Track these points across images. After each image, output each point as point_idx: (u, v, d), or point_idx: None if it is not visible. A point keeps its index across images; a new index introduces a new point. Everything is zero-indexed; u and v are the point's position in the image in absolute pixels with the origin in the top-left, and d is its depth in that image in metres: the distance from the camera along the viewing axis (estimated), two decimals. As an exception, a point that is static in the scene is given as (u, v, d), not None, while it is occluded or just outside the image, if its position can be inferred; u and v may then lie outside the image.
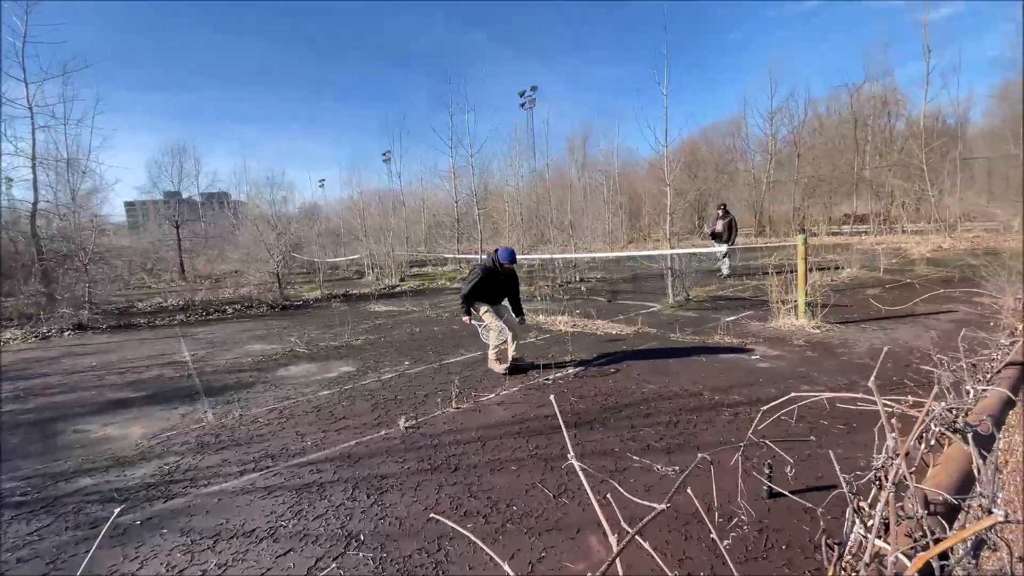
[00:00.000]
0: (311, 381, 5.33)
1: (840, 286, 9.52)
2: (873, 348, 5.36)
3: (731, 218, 12.20)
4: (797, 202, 26.73)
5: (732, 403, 4.00)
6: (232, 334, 8.50)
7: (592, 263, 15.78)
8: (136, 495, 3.06)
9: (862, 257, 12.67)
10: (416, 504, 2.74)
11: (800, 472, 2.88)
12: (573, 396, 4.37)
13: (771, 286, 7.10)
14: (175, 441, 3.89)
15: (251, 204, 25.68)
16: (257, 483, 3.11)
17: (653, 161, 21.38)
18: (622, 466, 3.06)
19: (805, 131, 29.84)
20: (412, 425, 3.88)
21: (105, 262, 12.48)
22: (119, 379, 5.86)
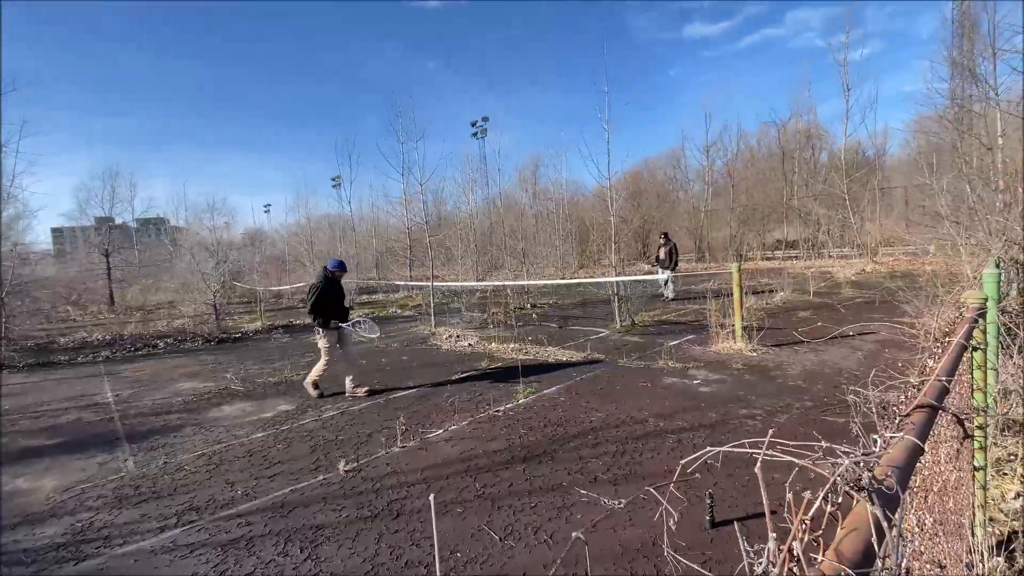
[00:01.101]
0: (245, 422, 5.01)
1: (774, 309, 10.04)
2: (805, 370, 5.65)
3: (672, 244, 12.76)
4: (733, 229, 28.24)
5: (676, 429, 4.08)
6: (162, 371, 7.93)
7: (544, 289, 15.96)
8: (44, 556, 2.77)
9: (793, 281, 13.47)
10: (354, 556, 2.59)
11: (740, 499, 2.94)
12: (523, 428, 4.33)
13: (711, 311, 7.40)
14: (90, 494, 3.55)
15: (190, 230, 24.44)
16: (179, 540, 2.86)
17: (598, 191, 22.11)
18: (569, 501, 3.03)
19: (739, 162, 31.84)
20: (353, 468, 3.70)
21: (26, 294, 11.47)
22: (32, 424, 5.33)
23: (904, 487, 0.92)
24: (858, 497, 0.81)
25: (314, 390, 5.83)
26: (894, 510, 0.81)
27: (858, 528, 0.75)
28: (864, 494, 0.81)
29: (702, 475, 3.16)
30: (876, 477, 0.85)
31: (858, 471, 0.87)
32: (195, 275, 12.87)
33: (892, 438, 1.10)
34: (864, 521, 0.75)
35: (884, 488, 0.83)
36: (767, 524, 0.62)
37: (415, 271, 20.47)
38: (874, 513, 0.77)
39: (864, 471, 0.87)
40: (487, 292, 15.43)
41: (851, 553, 0.69)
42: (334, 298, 5.91)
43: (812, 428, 3.89)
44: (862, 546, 0.71)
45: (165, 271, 21.49)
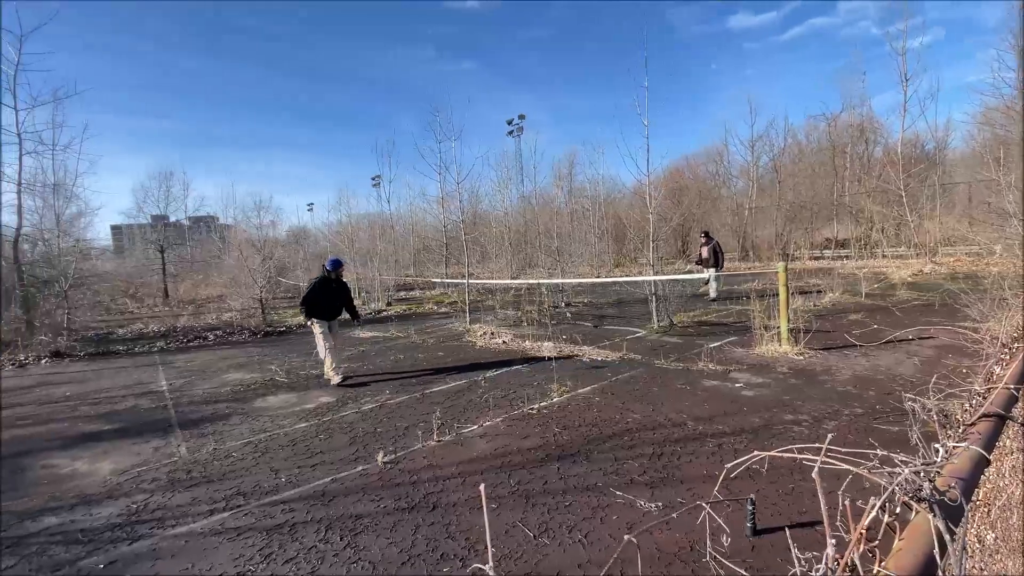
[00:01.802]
0: (289, 412, 5.20)
1: (822, 311, 9.62)
2: (856, 375, 5.39)
3: (715, 242, 12.40)
4: (779, 227, 27.19)
5: (716, 433, 3.97)
6: (212, 362, 8.32)
7: (579, 288, 15.84)
8: (101, 536, 2.94)
9: (844, 282, 12.86)
10: (391, 547, 2.65)
11: (784, 507, 2.84)
12: (557, 427, 4.31)
13: (754, 312, 7.15)
14: (145, 477, 3.76)
15: (238, 228, 25.51)
16: (227, 523, 2.99)
17: (636, 188, 21.75)
18: (604, 502, 3.00)
19: (786, 158, 30.61)
20: (391, 460, 3.78)
21: (87, 287, 12.24)
22: (92, 410, 5.68)
23: (968, 499, 0.86)
24: (918, 508, 0.77)
25: (337, 377, 6.25)
26: (957, 522, 0.76)
27: (918, 540, 0.71)
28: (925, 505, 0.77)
29: (743, 481, 3.07)
30: (938, 488, 0.80)
31: (918, 481, 0.82)
32: (243, 271, 13.43)
33: (955, 448, 1.03)
34: (925, 533, 0.71)
35: (947, 500, 0.78)
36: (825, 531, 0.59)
37: (450, 269, 20.71)
38: (936, 525, 0.72)
39: (925, 481, 0.82)
40: (521, 290, 15.44)
41: (911, 566, 0.65)
42: (329, 294, 6.44)
43: (863, 436, 3.70)
44: (923, 559, 0.67)
45: (215, 267, 22.48)
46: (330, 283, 6.49)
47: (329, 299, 6.45)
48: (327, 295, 6.44)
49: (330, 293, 6.47)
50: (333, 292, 6.50)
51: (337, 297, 6.55)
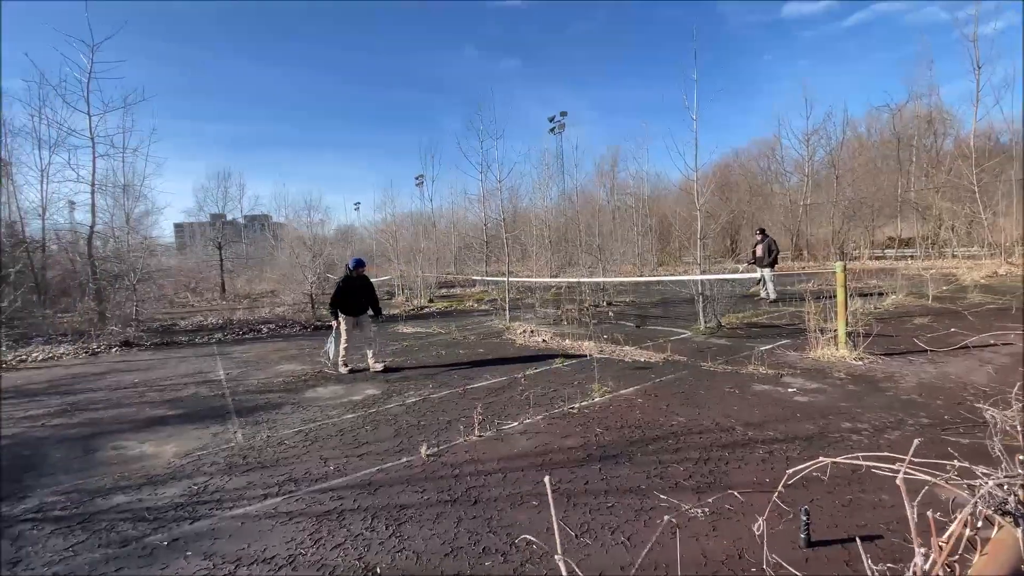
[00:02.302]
0: (337, 403, 5.38)
1: (884, 314, 9.08)
2: (922, 383, 5.06)
3: (770, 240, 11.88)
4: (837, 225, 25.83)
5: (766, 439, 3.82)
6: (265, 353, 8.71)
7: (621, 287, 15.60)
8: (165, 515, 3.12)
9: (908, 283, 12.10)
10: (434, 538, 2.69)
11: (840, 519, 2.70)
12: (599, 427, 4.26)
13: (809, 314, 6.83)
14: (205, 461, 3.97)
15: (290, 226, 26.60)
16: (279, 508, 3.12)
17: (683, 185, 21.15)
18: (648, 505, 2.94)
19: (844, 152, 29.04)
20: (433, 453, 3.85)
21: (153, 282, 13.09)
22: (158, 396, 6.06)
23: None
24: (1002, 522, 0.71)
25: (344, 367, 6.81)
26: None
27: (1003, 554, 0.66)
28: (1010, 519, 0.71)
29: (796, 490, 2.94)
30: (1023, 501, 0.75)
31: (1002, 494, 0.76)
32: (294, 267, 14.00)
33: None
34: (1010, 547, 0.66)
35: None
36: (914, 541, 0.56)
37: (490, 266, 20.84)
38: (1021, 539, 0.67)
39: (1010, 495, 0.76)
40: (561, 288, 15.36)
41: None
42: (354, 292, 6.86)
43: (930, 448, 3.47)
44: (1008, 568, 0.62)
45: (268, 263, 23.55)
46: (354, 281, 6.87)
47: (355, 297, 6.87)
48: (352, 293, 6.85)
49: (355, 291, 6.87)
50: (358, 290, 6.89)
51: (362, 294, 6.94)
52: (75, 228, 13.84)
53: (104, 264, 12.34)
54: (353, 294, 6.87)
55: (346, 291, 6.82)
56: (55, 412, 5.54)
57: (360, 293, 6.93)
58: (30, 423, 5.18)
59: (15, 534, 2.96)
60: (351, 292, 6.86)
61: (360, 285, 6.95)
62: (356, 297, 6.90)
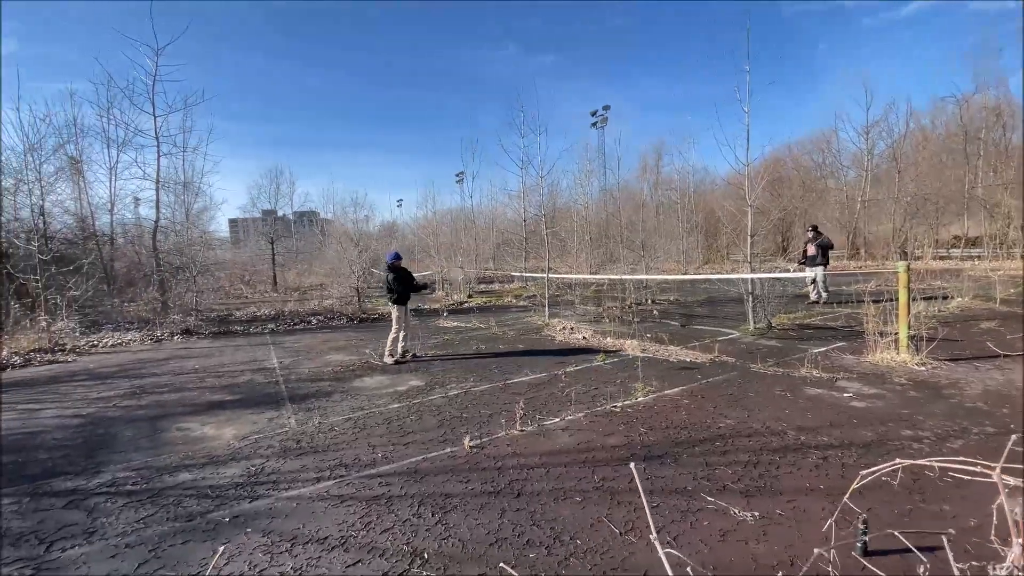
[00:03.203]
0: (383, 393, 5.54)
1: (948, 318, 8.53)
2: (988, 390, 4.73)
3: (823, 238, 11.31)
4: (898, 223, 24.36)
5: (820, 445, 3.68)
6: (315, 344, 9.06)
7: (664, 284, 15.28)
8: (226, 493, 3.31)
9: (975, 285, 11.30)
10: (479, 527, 2.74)
11: (900, 528, 2.57)
12: (642, 426, 4.21)
13: (867, 316, 6.50)
14: (261, 444, 4.17)
15: (337, 222, 27.45)
16: (331, 491, 3.25)
17: (732, 179, 20.45)
18: (695, 507, 2.89)
19: (907, 145, 27.33)
20: (476, 445, 3.91)
21: (211, 274, 13.82)
22: (217, 382, 6.40)
23: None
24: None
25: (390, 358, 7.09)
26: None
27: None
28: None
29: (853, 498, 2.81)
30: None
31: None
32: (341, 262, 14.45)
33: None
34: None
35: None
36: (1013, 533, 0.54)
37: (529, 262, 20.84)
38: None
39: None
40: (602, 286, 15.20)
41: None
42: (400, 282, 7.27)
43: (994, 456, 3.25)
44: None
45: (316, 258, 24.39)
46: (398, 271, 7.34)
47: (405, 287, 7.34)
48: (400, 282, 7.30)
49: (399, 280, 7.30)
50: (402, 278, 7.34)
51: (407, 284, 7.39)
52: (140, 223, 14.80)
53: (167, 257, 13.11)
54: (400, 284, 7.28)
55: (395, 280, 7.25)
56: (125, 394, 5.95)
57: (405, 283, 7.36)
58: (103, 404, 5.58)
59: (91, 506, 3.21)
60: (398, 281, 7.27)
61: (404, 275, 7.41)
62: (405, 287, 7.34)
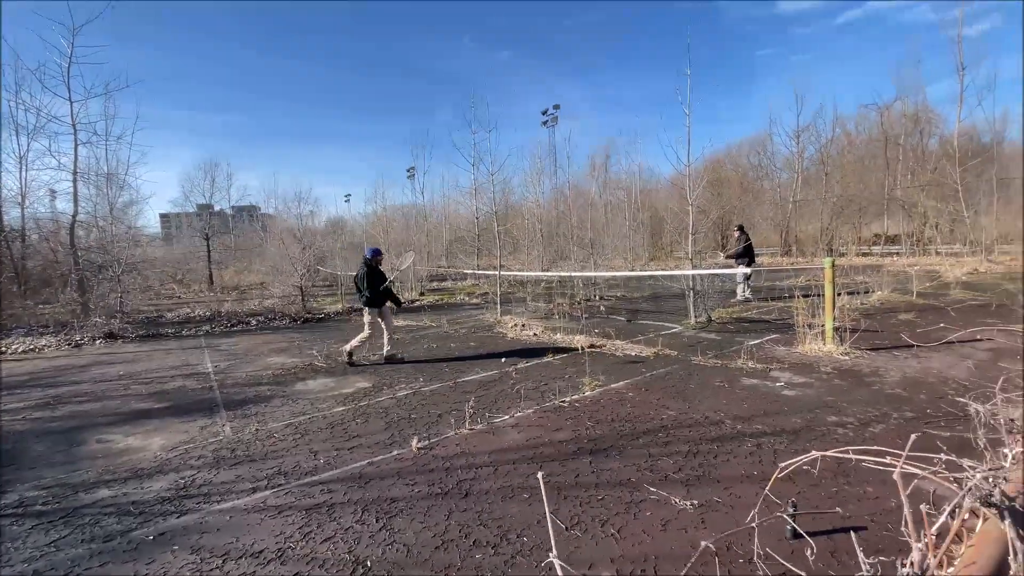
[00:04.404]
0: (327, 396, 5.35)
1: (870, 310, 9.21)
2: (906, 377, 5.14)
3: (744, 237, 11.84)
4: (825, 221, 26.09)
5: (755, 433, 3.87)
6: (254, 346, 8.64)
7: (612, 281, 15.65)
8: (151, 509, 3.08)
9: (893, 280, 12.27)
10: (425, 531, 2.69)
11: (827, 512, 2.73)
12: (589, 420, 4.28)
13: (797, 309, 6.91)
14: (192, 455, 3.93)
15: (279, 218, 26.33)
16: (269, 501, 3.10)
17: (675, 179, 21.23)
18: (638, 498, 2.96)
19: (833, 149, 29.31)
20: (425, 446, 3.84)
21: (138, 272, 12.89)
22: (144, 389, 5.98)
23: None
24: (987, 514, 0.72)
25: (348, 357, 6.74)
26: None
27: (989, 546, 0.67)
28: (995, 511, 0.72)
29: (783, 483, 2.98)
30: (1007, 494, 0.76)
31: (987, 487, 0.77)
32: (284, 259, 13.86)
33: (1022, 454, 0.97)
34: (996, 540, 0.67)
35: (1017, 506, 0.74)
36: (910, 535, 0.56)
37: (482, 260, 20.82)
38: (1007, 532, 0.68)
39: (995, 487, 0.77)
40: (553, 282, 15.38)
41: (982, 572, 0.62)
42: (377, 281, 6.83)
43: (915, 441, 3.53)
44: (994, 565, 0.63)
45: (257, 255, 23.30)
46: (375, 271, 6.92)
47: (378, 285, 6.88)
48: (377, 281, 6.86)
49: (376, 279, 6.88)
50: (379, 278, 6.92)
51: (377, 286, 6.90)
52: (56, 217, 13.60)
53: (87, 254, 12.12)
54: (375, 283, 6.86)
55: (371, 280, 6.80)
56: (37, 405, 5.45)
57: (379, 282, 6.94)
58: (10, 416, 5.08)
59: (-4, 529, 2.91)
60: (374, 281, 6.85)
61: (379, 274, 7.00)
62: (377, 286, 6.90)
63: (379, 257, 7.01)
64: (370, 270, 6.82)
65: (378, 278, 6.89)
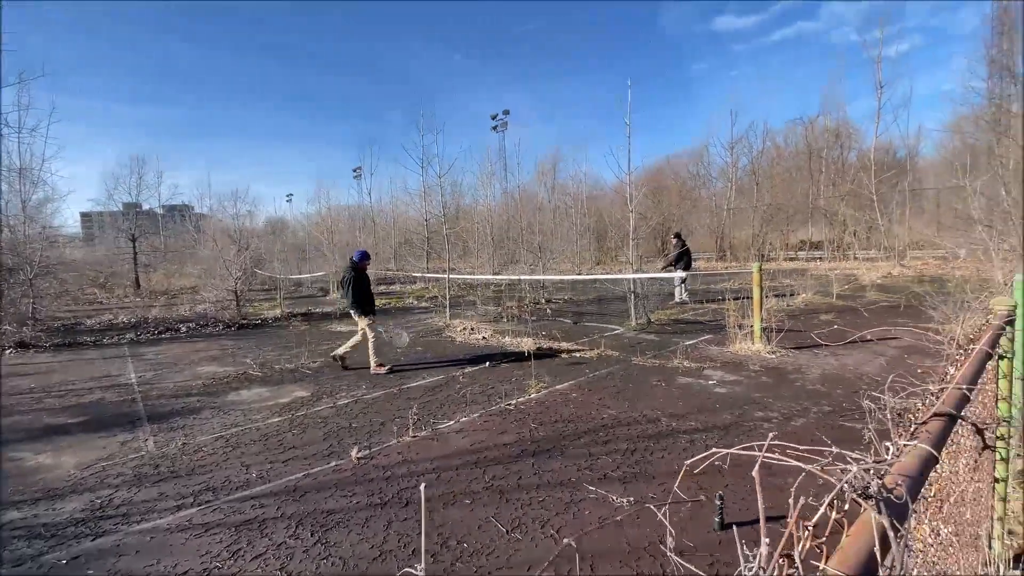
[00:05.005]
0: (262, 407, 5.12)
1: (795, 311, 9.85)
2: (825, 374, 5.54)
3: (679, 243, 12.34)
4: (756, 228, 27.70)
5: (688, 429, 4.04)
6: (183, 354, 8.13)
7: (560, 284, 15.91)
8: (64, 531, 2.87)
9: (816, 283, 13.18)
10: (363, 542, 2.63)
11: (752, 502, 2.90)
12: (534, 422, 4.34)
13: (729, 311, 7.28)
14: (111, 472, 3.67)
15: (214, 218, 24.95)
16: (194, 519, 2.94)
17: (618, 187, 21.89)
18: (577, 497, 3.03)
19: (764, 160, 31.17)
20: (365, 456, 3.76)
21: (53, 276, 11.83)
22: (58, 403, 5.50)
23: (914, 497, 0.89)
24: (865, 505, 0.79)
25: (340, 361, 6.51)
26: (902, 520, 0.79)
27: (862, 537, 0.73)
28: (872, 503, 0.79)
29: (715, 477, 3.13)
30: (886, 485, 0.83)
31: (867, 478, 0.84)
32: (218, 262, 13.14)
33: (905, 446, 1.07)
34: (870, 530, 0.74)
35: (893, 497, 0.81)
36: (762, 528, 0.61)
37: (432, 263, 20.60)
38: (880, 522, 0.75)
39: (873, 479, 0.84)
40: (502, 286, 15.44)
41: (854, 562, 0.67)
42: (365, 286, 6.49)
43: (829, 433, 3.82)
44: (865, 555, 0.69)
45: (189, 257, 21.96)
46: (363, 275, 6.56)
47: (366, 289, 6.56)
48: (365, 286, 6.53)
49: (365, 283, 6.55)
50: (367, 282, 6.59)
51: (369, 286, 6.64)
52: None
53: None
54: (363, 287, 6.49)
55: (359, 285, 6.42)
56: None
57: (367, 287, 6.60)
58: None
59: None
60: (363, 285, 6.48)
61: (366, 278, 6.61)
62: (366, 290, 6.55)
63: (367, 261, 6.61)
64: (358, 275, 6.43)
65: (366, 283, 6.54)
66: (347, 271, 6.47)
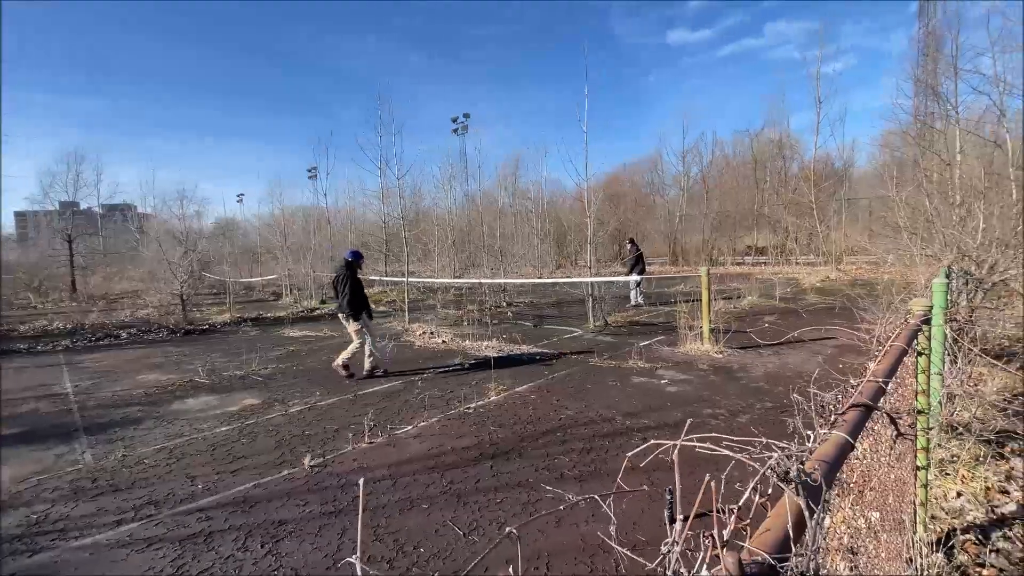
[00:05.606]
0: (210, 416, 4.92)
1: (741, 313, 10.30)
2: (768, 372, 5.83)
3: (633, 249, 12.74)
4: (706, 234, 28.82)
5: (642, 428, 4.18)
6: (124, 362, 7.69)
7: (520, 288, 16.01)
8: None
9: (761, 286, 13.83)
10: (315, 552, 2.58)
11: (702, 496, 3.03)
12: (493, 425, 4.36)
13: (680, 313, 7.56)
14: (46, 486, 3.46)
15: (158, 218, 23.69)
16: (136, 534, 2.80)
17: (577, 193, 22.26)
18: (535, 498, 3.08)
19: (713, 169, 32.51)
20: (318, 464, 3.68)
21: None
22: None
23: (830, 480, 0.98)
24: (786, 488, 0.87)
25: (344, 371, 6.13)
26: (818, 501, 0.87)
27: (782, 518, 0.81)
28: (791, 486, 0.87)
29: (667, 473, 3.25)
30: (804, 470, 0.91)
31: (788, 464, 0.93)
32: (162, 264, 12.50)
33: (825, 435, 1.17)
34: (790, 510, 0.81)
35: (810, 480, 0.89)
36: (676, 506, 0.67)
37: (390, 266, 20.30)
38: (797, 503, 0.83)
39: (794, 464, 0.93)
40: (463, 289, 15.41)
41: (772, 541, 0.74)
42: (359, 287, 6.24)
43: (770, 427, 4.03)
44: (783, 534, 0.77)
45: (131, 259, 20.80)
46: (357, 274, 6.32)
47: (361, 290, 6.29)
48: (360, 287, 6.29)
49: (360, 285, 6.30)
50: (360, 284, 6.33)
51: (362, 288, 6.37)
52: None
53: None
54: (359, 289, 6.22)
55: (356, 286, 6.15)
56: None
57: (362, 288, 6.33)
58: None
59: None
60: (359, 286, 6.22)
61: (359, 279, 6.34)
62: (361, 292, 6.27)
63: (361, 260, 6.41)
64: (352, 274, 6.17)
65: (359, 284, 6.25)
66: (342, 270, 6.17)
